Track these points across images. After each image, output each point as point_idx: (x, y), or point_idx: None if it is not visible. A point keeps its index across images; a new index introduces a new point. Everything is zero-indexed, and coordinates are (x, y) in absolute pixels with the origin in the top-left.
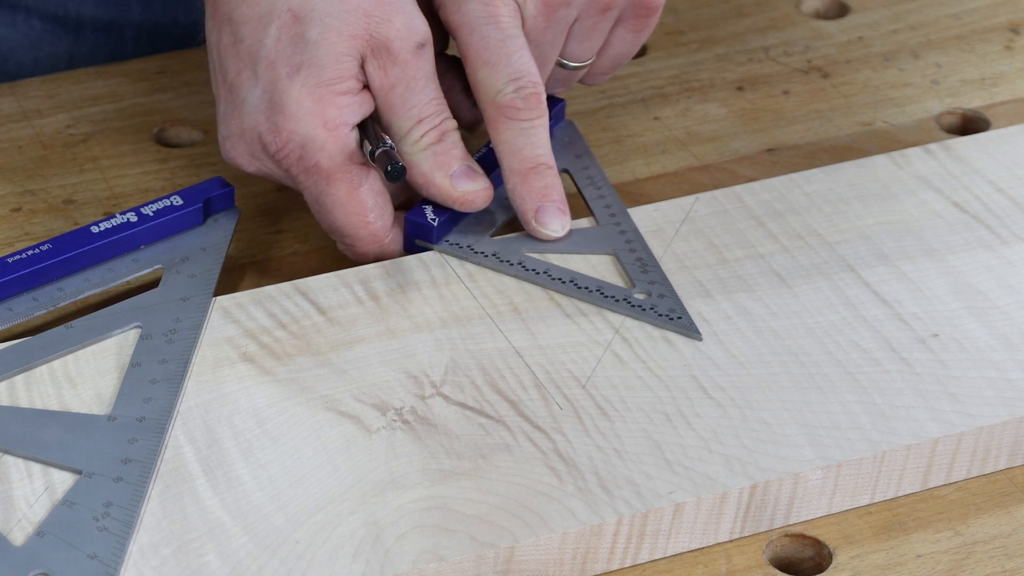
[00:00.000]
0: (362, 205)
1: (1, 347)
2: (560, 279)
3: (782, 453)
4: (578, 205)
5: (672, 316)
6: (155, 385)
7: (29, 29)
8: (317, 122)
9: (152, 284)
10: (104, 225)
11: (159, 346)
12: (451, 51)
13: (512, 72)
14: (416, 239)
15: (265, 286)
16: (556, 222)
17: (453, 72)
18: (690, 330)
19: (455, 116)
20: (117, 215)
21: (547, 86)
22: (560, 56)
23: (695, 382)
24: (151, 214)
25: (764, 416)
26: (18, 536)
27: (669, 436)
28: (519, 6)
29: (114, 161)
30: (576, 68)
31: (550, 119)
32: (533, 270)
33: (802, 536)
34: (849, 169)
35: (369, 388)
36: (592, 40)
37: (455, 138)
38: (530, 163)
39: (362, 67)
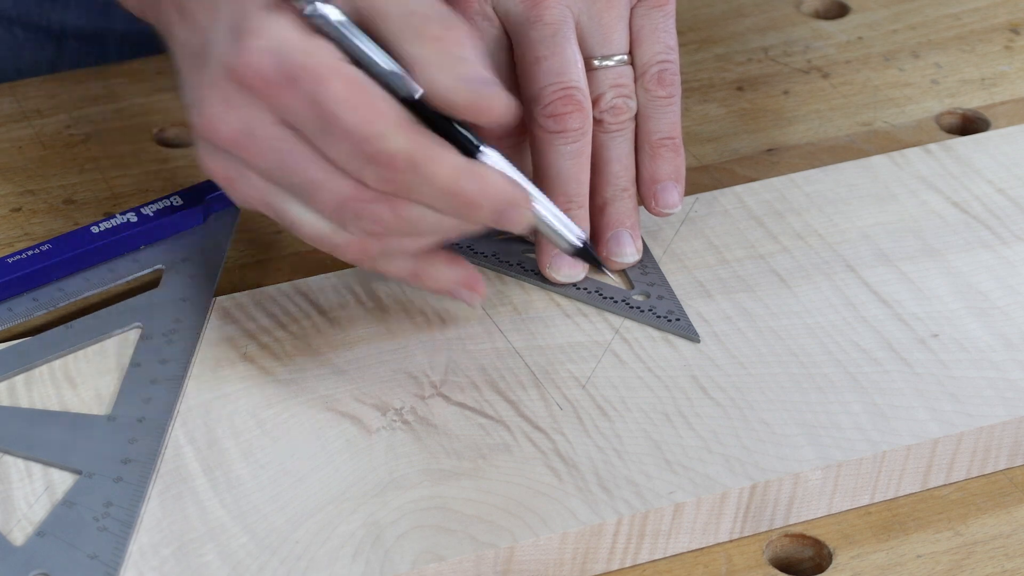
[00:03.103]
0: (367, 93)
1: (1, 347)
2: None
3: (782, 453)
4: None
5: (670, 318)
6: (155, 385)
7: (11, 38)
8: (287, 25)
9: (152, 284)
10: (104, 225)
11: (159, 346)
12: None
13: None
14: None
15: (265, 286)
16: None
17: None
18: (688, 332)
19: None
20: (117, 215)
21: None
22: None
23: (695, 382)
24: (151, 214)
25: (764, 416)
26: (18, 536)
27: (669, 436)
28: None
29: (114, 161)
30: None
31: None
32: (532, 271)
33: (802, 536)
34: (849, 169)
35: (369, 388)
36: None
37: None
38: None
39: None
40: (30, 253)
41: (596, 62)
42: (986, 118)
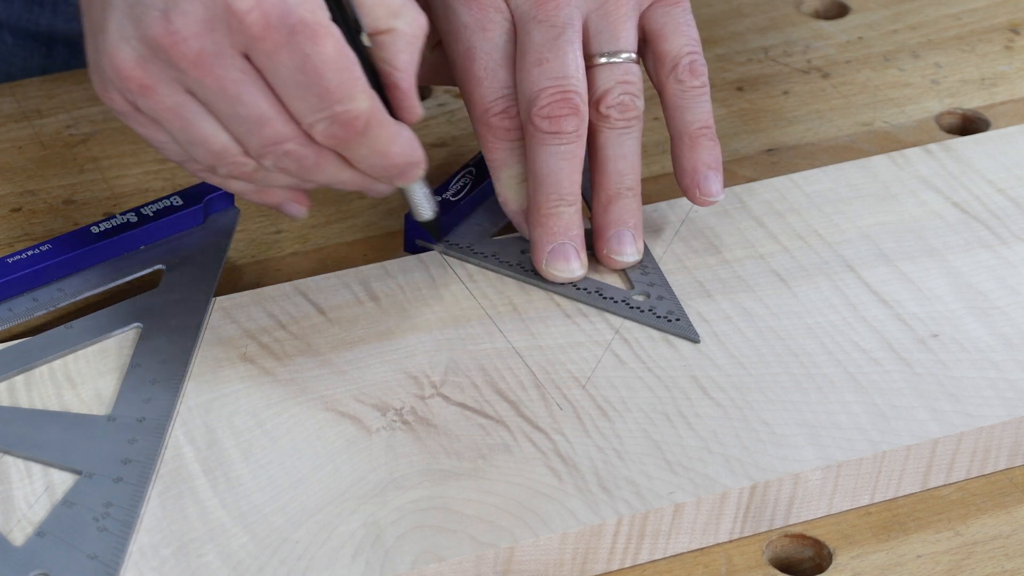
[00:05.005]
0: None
1: (1, 347)
2: None
3: (782, 453)
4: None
5: (670, 318)
6: (155, 385)
7: (1, 44)
8: None
9: (152, 284)
10: (104, 225)
11: (159, 346)
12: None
13: (498, 91)
14: (416, 239)
15: (265, 286)
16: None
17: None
18: (688, 332)
19: None
20: (117, 215)
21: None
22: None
23: (695, 382)
24: (151, 214)
25: (764, 416)
26: (18, 536)
27: (669, 436)
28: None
29: (114, 161)
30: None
31: None
32: (532, 271)
33: (802, 536)
34: (849, 169)
35: (369, 388)
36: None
37: None
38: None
39: None
40: (30, 253)
41: (603, 59)
42: (986, 118)
